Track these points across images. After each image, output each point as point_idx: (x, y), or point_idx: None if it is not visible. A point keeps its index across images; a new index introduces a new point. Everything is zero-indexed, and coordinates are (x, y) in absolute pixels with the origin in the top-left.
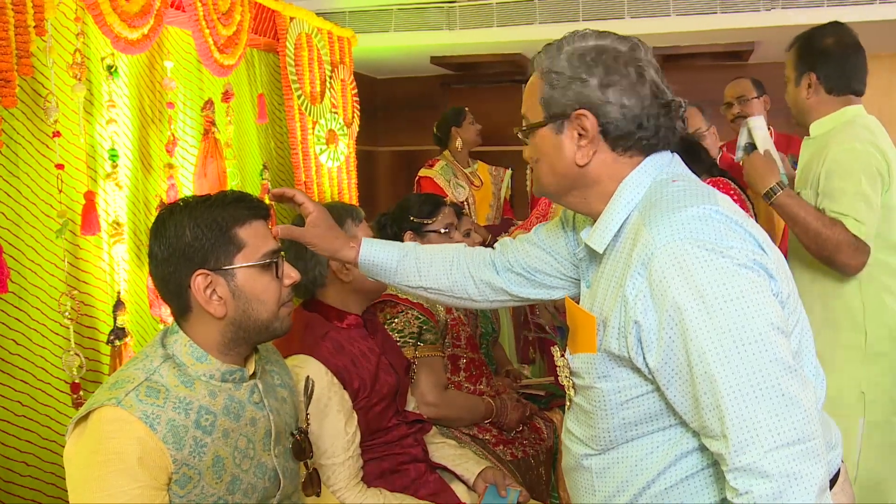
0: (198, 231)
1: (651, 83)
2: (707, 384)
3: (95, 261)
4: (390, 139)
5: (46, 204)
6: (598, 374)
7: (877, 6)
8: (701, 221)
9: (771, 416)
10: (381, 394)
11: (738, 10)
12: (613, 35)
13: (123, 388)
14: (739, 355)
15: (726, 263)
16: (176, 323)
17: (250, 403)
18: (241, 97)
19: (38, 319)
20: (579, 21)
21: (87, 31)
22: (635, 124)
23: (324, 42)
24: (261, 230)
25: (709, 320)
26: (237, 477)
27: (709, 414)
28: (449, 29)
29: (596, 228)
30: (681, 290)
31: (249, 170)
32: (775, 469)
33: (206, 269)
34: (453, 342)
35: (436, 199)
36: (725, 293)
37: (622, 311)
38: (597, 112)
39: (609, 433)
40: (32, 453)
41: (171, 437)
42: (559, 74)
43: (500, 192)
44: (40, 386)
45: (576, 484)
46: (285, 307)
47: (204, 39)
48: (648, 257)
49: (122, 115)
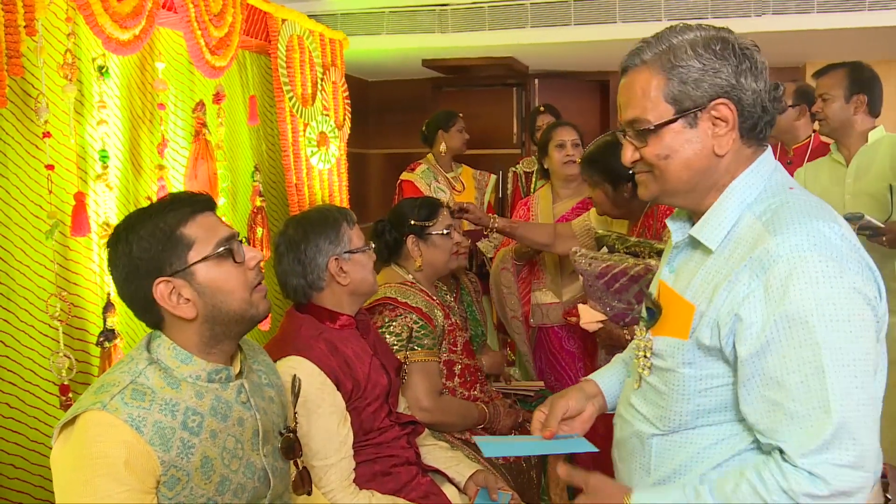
0: (143, 243)
1: (764, 67)
2: (799, 393)
3: (85, 262)
4: (381, 142)
5: (36, 205)
6: (684, 360)
7: (866, 13)
8: (827, 238)
9: (848, 438)
10: (374, 394)
11: (728, 16)
12: (711, 26)
13: (108, 392)
14: (836, 376)
15: (844, 283)
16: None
17: (237, 403)
18: (232, 99)
19: (27, 321)
20: (570, 25)
21: (78, 32)
22: (761, 109)
23: (315, 44)
24: (207, 222)
25: (815, 334)
26: (226, 477)
27: (791, 419)
28: (441, 32)
29: (707, 223)
30: (796, 300)
31: (240, 172)
32: (835, 482)
33: (164, 276)
34: (450, 347)
35: (431, 201)
36: (836, 312)
37: (724, 304)
38: (734, 99)
39: (681, 416)
40: (21, 456)
41: (158, 438)
42: (687, 67)
43: (484, 196)
44: (29, 388)
45: (629, 461)
46: (257, 291)
47: (195, 41)
48: (770, 262)
49: (112, 116)
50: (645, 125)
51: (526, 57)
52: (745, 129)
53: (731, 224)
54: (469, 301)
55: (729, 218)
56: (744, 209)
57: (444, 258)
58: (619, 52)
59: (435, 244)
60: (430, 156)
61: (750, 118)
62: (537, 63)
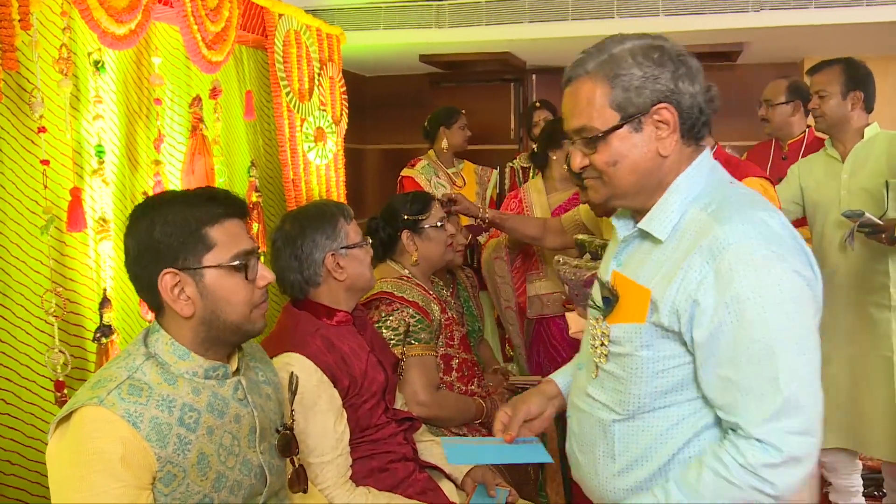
0: (167, 229)
1: (699, 71)
2: (750, 368)
3: (81, 258)
4: (379, 137)
5: (31, 200)
6: (642, 344)
7: (864, 8)
8: (770, 227)
9: (796, 408)
10: (371, 391)
11: (726, 11)
12: (647, 34)
13: (105, 387)
14: (784, 352)
15: (786, 267)
16: (156, 320)
17: (234, 400)
18: (229, 94)
19: (23, 317)
20: (568, 20)
21: (74, 26)
22: (698, 111)
23: (312, 39)
24: (234, 230)
25: (763, 314)
26: (222, 474)
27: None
28: (438, 27)
29: (655, 217)
30: (744, 284)
31: (237, 167)
32: (787, 448)
33: (175, 268)
34: (447, 342)
35: (423, 195)
36: (781, 293)
37: (680, 290)
38: (673, 102)
39: (639, 399)
40: (16, 452)
41: (155, 435)
42: (629, 75)
43: (486, 191)
44: (24, 384)
45: (592, 451)
46: (258, 309)
47: (192, 35)
48: (720, 249)
49: (108, 111)
50: (593, 133)
51: (523, 52)
52: (684, 130)
53: (678, 217)
54: (466, 296)
55: (675, 211)
56: (689, 203)
57: (440, 250)
58: None
59: (430, 237)
60: (431, 152)
61: (689, 120)
62: (535, 58)
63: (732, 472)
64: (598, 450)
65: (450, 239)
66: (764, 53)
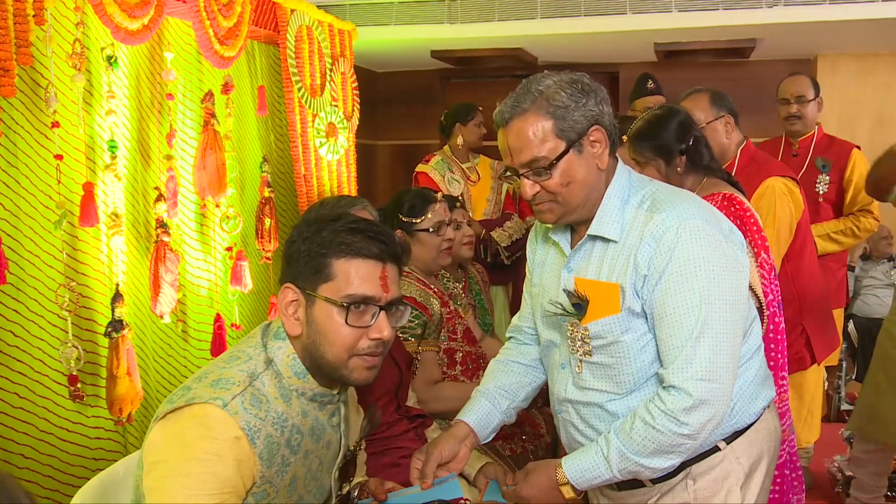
0: (304, 245)
1: (607, 95)
2: (682, 324)
3: (94, 252)
4: (390, 133)
5: (45, 195)
6: (623, 330)
7: (879, 4)
8: (704, 207)
9: (708, 356)
10: (384, 388)
11: (739, 7)
12: (559, 72)
13: (229, 391)
14: (710, 307)
15: (719, 238)
16: (279, 326)
17: (329, 426)
18: (241, 89)
19: (36, 311)
20: (581, 16)
21: (87, 21)
22: (613, 128)
23: (324, 35)
24: (365, 271)
25: (695, 276)
26: (302, 497)
27: (672, 345)
28: (450, 23)
29: (602, 221)
30: (682, 253)
31: (249, 162)
32: (695, 392)
33: (296, 284)
34: (449, 336)
35: (426, 195)
36: (714, 259)
37: (635, 274)
38: (601, 124)
39: (633, 376)
40: (30, 445)
41: (267, 453)
42: (565, 107)
43: (502, 186)
44: (38, 378)
45: (597, 431)
46: (360, 359)
47: (204, 31)
48: (662, 231)
49: (121, 106)
50: (545, 162)
51: (535, 48)
52: (611, 145)
53: (620, 217)
54: (477, 289)
55: (617, 213)
56: (623, 204)
57: (431, 255)
58: (629, 44)
59: (421, 241)
60: (447, 147)
61: (611, 136)
62: (546, 54)
63: (656, 420)
64: (603, 427)
65: (445, 244)
66: (777, 50)
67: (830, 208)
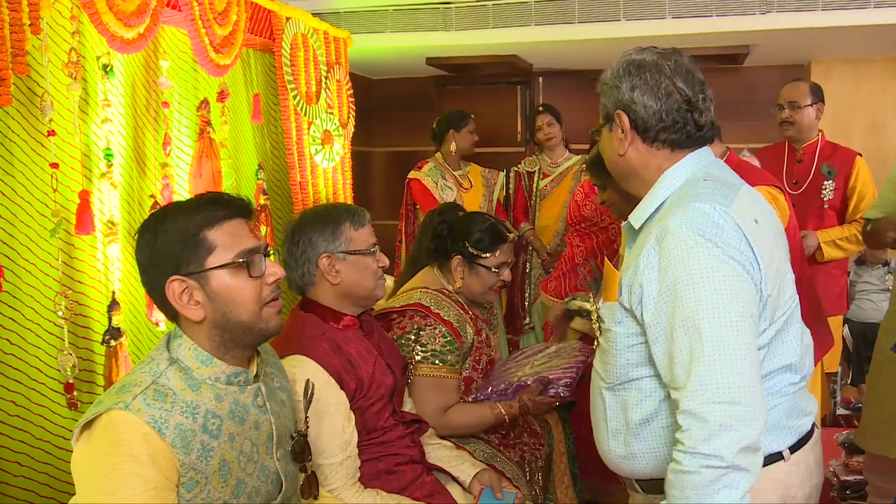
0: (167, 238)
1: (670, 83)
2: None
3: (90, 260)
4: (386, 140)
5: (41, 203)
6: (615, 320)
7: (871, 11)
8: (705, 216)
9: (720, 377)
10: (379, 394)
11: (733, 14)
12: (653, 48)
13: (130, 392)
14: (710, 327)
15: (718, 253)
16: (177, 326)
17: (253, 407)
18: (236, 97)
19: (33, 319)
20: (575, 23)
21: (83, 30)
22: (656, 119)
23: (319, 42)
24: (235, 229)
25: (693, 294)
26: (242, 480)
27: (679, 367)
28: (444, 30)
29: (637, 209)
30: (679, 268)
31: (245, 170)
32: (712, 418)
33: (180, 274)
34: (472, 364)
35: (498, 233)
36: (711, 275)
37: (634, 273)
38: (627, 110)
39: (617, 370)
40: (26, 453)
41: (180, 441)
42: (605, 85)
43: (493, 194)
44: (34, 386)
45: (595, 412)
46: (269, 306)
47: (200, 39)
48: (663, 236)
49: (117, 115)
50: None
51: (530, 55)
52: (647, 137)
53: (653, 209)
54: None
55: (652, 204)
56: (666, 197)
57: (482, 290)
58: (624, 50)
59: (479, 275)
60: (439, 154)
61: (643, 125)
62: (541, 61)
63: (683, 463)
64: (598, 411)
65: (499, 282)
66: (770, 56)
67: (834, 215)
